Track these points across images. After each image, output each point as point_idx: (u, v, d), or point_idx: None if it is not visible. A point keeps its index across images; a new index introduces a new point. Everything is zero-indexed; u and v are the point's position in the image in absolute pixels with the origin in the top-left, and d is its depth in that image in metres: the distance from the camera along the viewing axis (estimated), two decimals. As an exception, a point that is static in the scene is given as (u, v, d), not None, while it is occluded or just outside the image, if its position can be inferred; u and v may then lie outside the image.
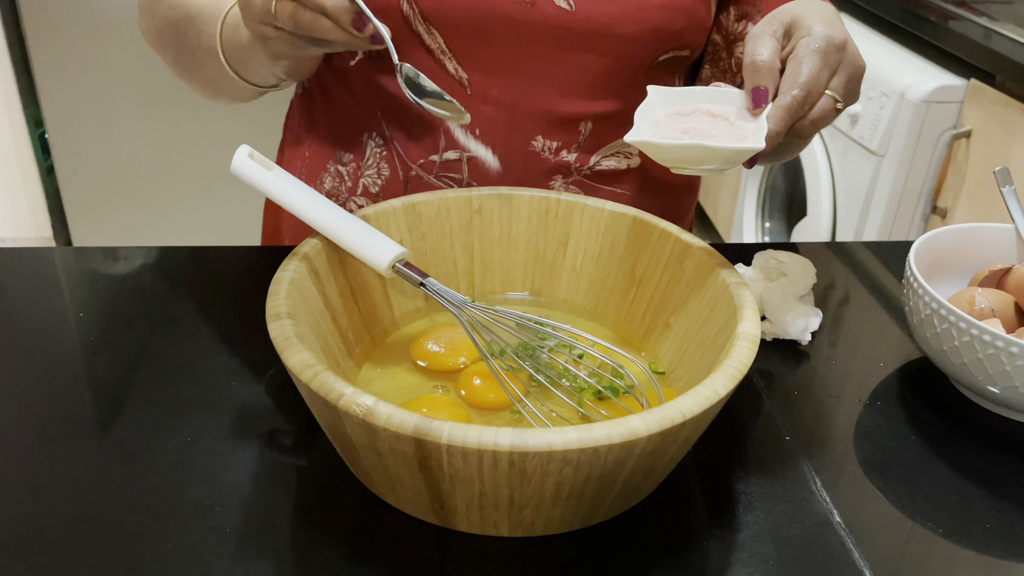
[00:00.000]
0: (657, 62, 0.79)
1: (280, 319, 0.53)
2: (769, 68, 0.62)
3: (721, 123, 0.64)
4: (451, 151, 0.79)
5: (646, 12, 0.75)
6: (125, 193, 2.26)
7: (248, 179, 0.64)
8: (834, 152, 1.83)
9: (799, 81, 0.61)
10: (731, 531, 0.54)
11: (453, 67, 0.76)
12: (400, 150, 0.80)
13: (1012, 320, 0.66)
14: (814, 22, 0.63)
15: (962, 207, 1.57)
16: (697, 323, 0.61)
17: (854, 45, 0.64)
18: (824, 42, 0.62)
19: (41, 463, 0.56)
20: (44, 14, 2.05)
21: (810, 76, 0.61)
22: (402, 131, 0.80)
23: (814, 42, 0.62)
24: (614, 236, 0.68)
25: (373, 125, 0.81)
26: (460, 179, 0.80)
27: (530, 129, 0.77)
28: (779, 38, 0.64)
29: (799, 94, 0.61)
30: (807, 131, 0.62)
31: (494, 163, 0.79)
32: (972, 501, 0.57)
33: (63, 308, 0.73)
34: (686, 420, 0.47)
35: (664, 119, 0.65)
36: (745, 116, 0.63)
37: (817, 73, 0.61)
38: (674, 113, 0.65)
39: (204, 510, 0.52)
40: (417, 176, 0.80)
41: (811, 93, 0.61)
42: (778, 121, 0.60)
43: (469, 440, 0.44)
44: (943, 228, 0.72)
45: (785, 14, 0.65)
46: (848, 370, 0.70)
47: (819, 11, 0.65)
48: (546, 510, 0.49)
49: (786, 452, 0.60)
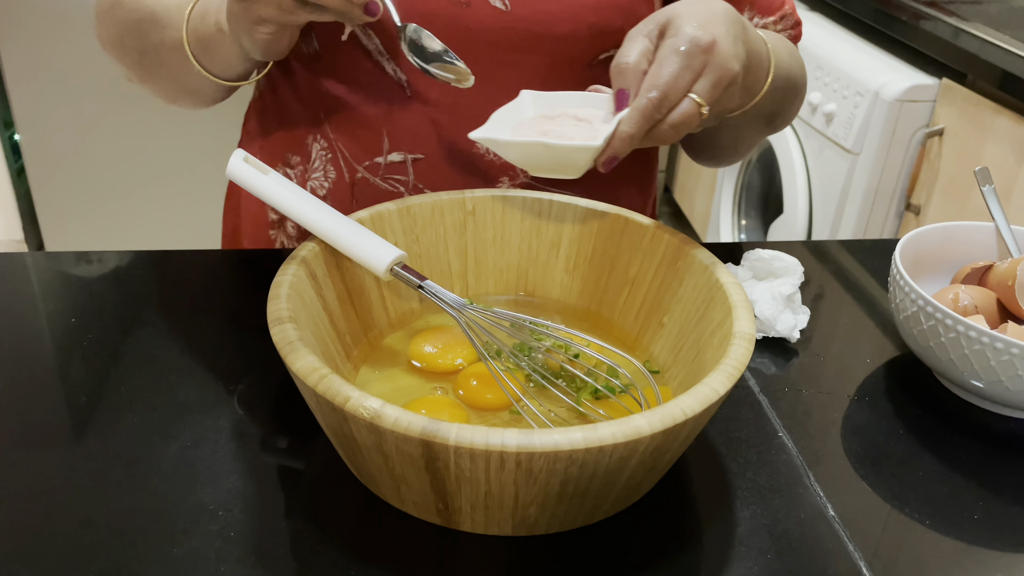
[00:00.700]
0: (597, 60, 0.78)
1: (282, 323, 0.53)
2: (634, 70, 0.61)
3: (584, 126, 0.63)
4: (395, 153, 0.78)
5: (583, 10, 0.74)
6: (97, 194, 2.24)
7: (244, 183, 0.64)
8: (809, 150, 1.86)
9: (656, 83, 0.59)
10: (728, 526, 0.55)
11: (391, 68, 0.76)
12: (345, 153, 0.79)
13: (995, 316, 0.68)
14: (686, 22, 0.61)
15: (935, 204, 1.60)
16: (691, 322, 0.62)
17: (727, 47, 0.61)
18: (688, 43, 0.60)
19: (42, 469, 0.56)
20: (14, 15, 2.02)
21: (669, 78, 0.59)
22: (346, 134, 0.79)
23: (679, 43, 0.60)
24: (607, 237, 0.69)
25: (317, 127, 0.81)
26: (406, 181, 0.79)
27: (473, 130, 0.77)
28: (653, 39, 0.62)
29: (655, 96, 0.59)
30: (667, 135, 0.61)
31: (439, 165, 0.78)
32: (960, 492, 0.59)
33: (42, 311, 0.72)
34: (687, 418, 0.48)
35: (528, 121, 0.64)
36: (610, 119, 0.61)
37: (676, 75, 0.60)
38: (540, 116, 0.65)
39: (208, 514, 0.53)
40: (363, 179, 0.80)
41: (668, 96, 0.60)
42: (632, 124, 0.59)
43: (477, 441, 0.45)
44: (927, 227, 0.73)
45: (663, 13, 0.63)
46: (836, 366, 0.71)
47: (700, 11, 0.62)
48: (550, 509, 0.50)
49: (779, 448, 0.61)
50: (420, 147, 0.78)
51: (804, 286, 0.81)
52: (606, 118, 0.62)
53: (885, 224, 1.72)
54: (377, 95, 0.77)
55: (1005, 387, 0.62)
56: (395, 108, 0.77)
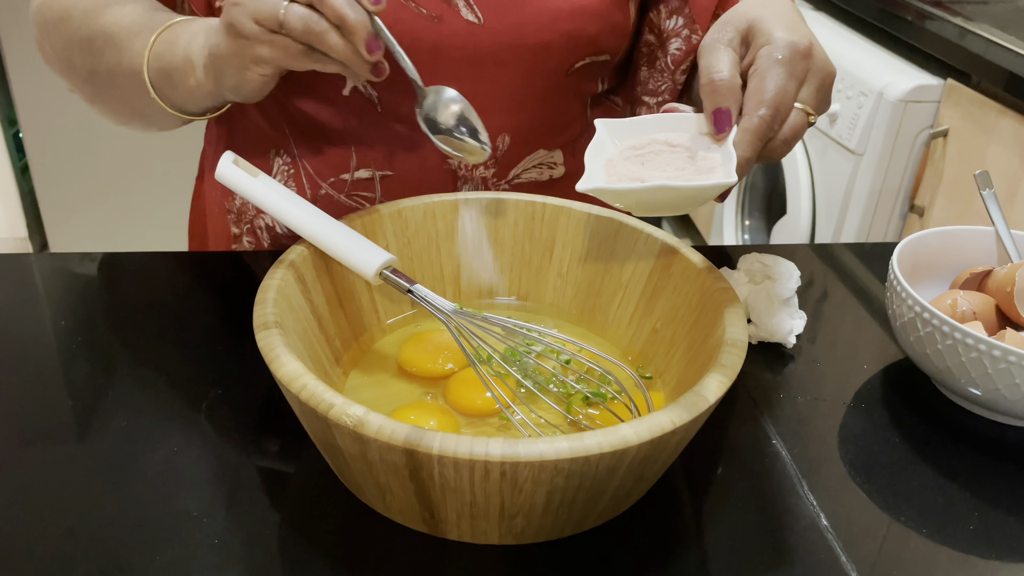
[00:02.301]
0: (575, 69, 0.76)
1: (268, 328, 0.52)
2: (730, 87, 0.55)
3: (681, 154, 0.57)
4: (363, 170, 0.76)
5: (557, 20, 0.72)
6: (100, 192, 2.24)
7: (233, 185, 0.63)
8: (813, 151, 1.84)
9: (765, 99, 0.54)
10: (720, 535, 0.54)
11: (362, 85, 0.74)
12: (309, 168, 0.77)
13: (993, 323, 0.67)
14: (774, 26, 0.56)
15: (939, 206, 1.59)
16: (684, 328, 0.62)
17: (820, 48, 0.58)
18: (788, 50, 0.55)
19: (25, 475, 0.55)
20: (17, 12, 2.02)
21: (777, 91, 0.54)
22: (311, 150, 0.77)
23: (777, 51, 0.55)
24: (600, 241, 0.68)
25: (280, 142, 0.78)
26: (373, 198, 0.77)
27: None
28: (736, 48, 0.57)
29: (767, 113, 0.53)
30: (779, 152, 0.56)
31: (408, 182, 0.76)
32: (955, 502, 0.58)
33: (42, 315, 0.72)
34: (676, 428, 0.47)
35: (618, 157, 0.58)
36: (707, 143, 0.56)
37: (784, 87, 0.54)
38: (628, 148, 0.58)
39: (192, 521, 0.52)
40: (327, 195, 0.78)
41: (779, 111, 0.54)
42: (747, 147, 0.53)
43: (460, 450, 0.44)
44: (925, 231, 0.72)
45: (740, 18, 0.57)
46: (832, 372, 0.70)
47: (777, 11, 0.58)
48: (537, 518, 0.49)
49: (772, 455, 0.61)
50: (389, 164, 0.76)
51: (804, 290, 0.80)
52: (700, 141, 0.56)
53: (889, 225, 1.71)
54: (347, 112, 0.75)
55: (1002, 395, 0.61)
56: (365, 125, 0.75)
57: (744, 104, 0.54)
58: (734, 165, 0.52)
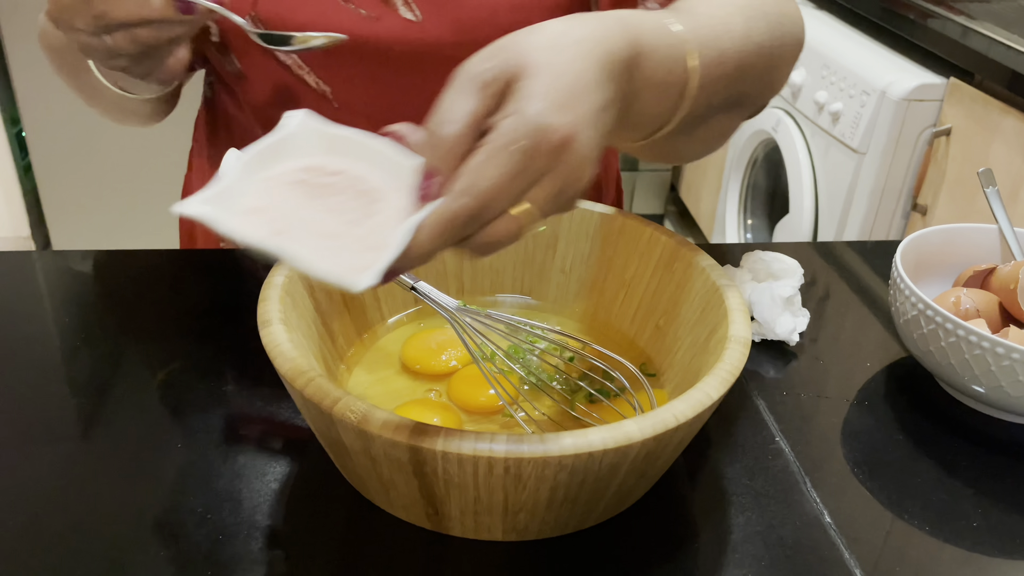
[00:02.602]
0: None
1: (272, 325, 0.53)
2: (452, 147, 0.42)
3: (364, 205, 0.43)
4: None
5: (496, 14, 0.71)
6: (103, 191, 2.24)
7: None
8: (816, 150, 1.84)
9: (472, 186, 0.41)
10: (723, 532, 0.54)
11: (314, 80, 0.74)
12: None
13: (996, 320, 0.67)
14: (542, 92, 0.42)
15: (942, 204, 1.58)
16: (687, 325, 0.62)
17: (585, 143, 0.42)
18: (533, 138, 0.41)
19: (28, 471, 0.56)
20: (21, 11, 2.02)
21: (490, 186, 0.41)
22: None
23: (520, 133, 0.41)
24: (603, 238, 0.68)
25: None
26: None
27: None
28: (489, 94, 0.43)
29: (469, 205, 0.41)
30: (478, 251, 0.43)
31: None
32: (959, 499, 0.58)
33: (44, 313, 0.72)
34: (680, 424, 0.47)
35: (288, 172, 0.44)
36: (409, 203, 0.43)
37: (506, 184, 0.41)
38: (311, 165, 0.45)
39: (197, 518, 0.52)
40: None
41: (489, 207, 0.41)
42: (433, 238, 0.41)
43: (464, 447, 0.44)
44: (928, 229, 0.72)
45: (516, 55, 0.43)
46: (835, 370, 0.70)
47: (562, 69, 0.43)
48: (540, 514, 0.49)
49: (775, 452, 0.61)
50: None
51: (808, 288, 0.80)
52: (403, 195, 0.43)
53: (891, 224, 1.71)
54: (305, 108, 0.75)
55: (1006, 392, 0.61)
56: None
57: (453, 180, 0.42)
58: (389, 260, 0.40)
